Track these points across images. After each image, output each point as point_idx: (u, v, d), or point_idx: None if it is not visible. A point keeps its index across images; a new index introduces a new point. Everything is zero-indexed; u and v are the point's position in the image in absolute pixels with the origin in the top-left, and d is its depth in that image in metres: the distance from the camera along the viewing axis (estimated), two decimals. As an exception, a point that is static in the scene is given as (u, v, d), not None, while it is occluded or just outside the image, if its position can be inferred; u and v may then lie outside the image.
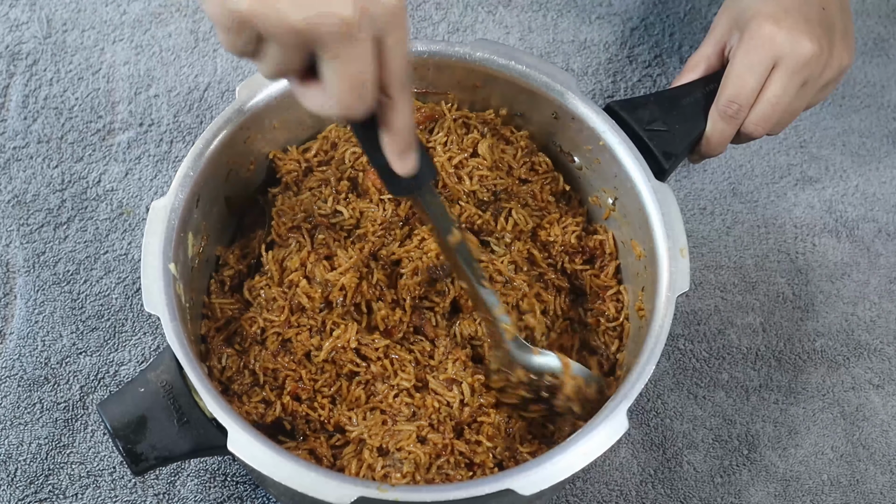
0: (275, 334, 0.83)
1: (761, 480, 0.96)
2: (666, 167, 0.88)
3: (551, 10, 1.20)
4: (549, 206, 0.92)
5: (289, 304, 0.83)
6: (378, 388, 0.82)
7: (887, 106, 1.18)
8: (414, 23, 1.18)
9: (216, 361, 0.82)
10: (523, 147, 0.92)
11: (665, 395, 0.99)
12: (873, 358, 1.03)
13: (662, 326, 0.79)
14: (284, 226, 0.87)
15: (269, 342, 0.83)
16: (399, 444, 0.79)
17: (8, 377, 0.95)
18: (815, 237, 1.09)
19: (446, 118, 0.91)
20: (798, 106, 0.89)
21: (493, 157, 0.90)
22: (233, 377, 0.82)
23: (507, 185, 0.90)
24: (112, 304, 0.99)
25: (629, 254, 0.88)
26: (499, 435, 0.82)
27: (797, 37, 0.85)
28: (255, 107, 0.85)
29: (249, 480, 0.92)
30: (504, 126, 0.93)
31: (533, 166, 0.93)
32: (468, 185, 0.89)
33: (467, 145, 0.90)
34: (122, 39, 1.14)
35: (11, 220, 1.03)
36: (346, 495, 0.69)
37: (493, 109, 0.93)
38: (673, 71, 1.17)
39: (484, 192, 0.89)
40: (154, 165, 1.07)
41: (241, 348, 0.84)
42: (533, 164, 0.93)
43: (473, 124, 0.92)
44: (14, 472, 0.91)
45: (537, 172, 0.93)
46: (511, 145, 0.92)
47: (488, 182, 0.89)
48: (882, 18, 1.24)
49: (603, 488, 0.94)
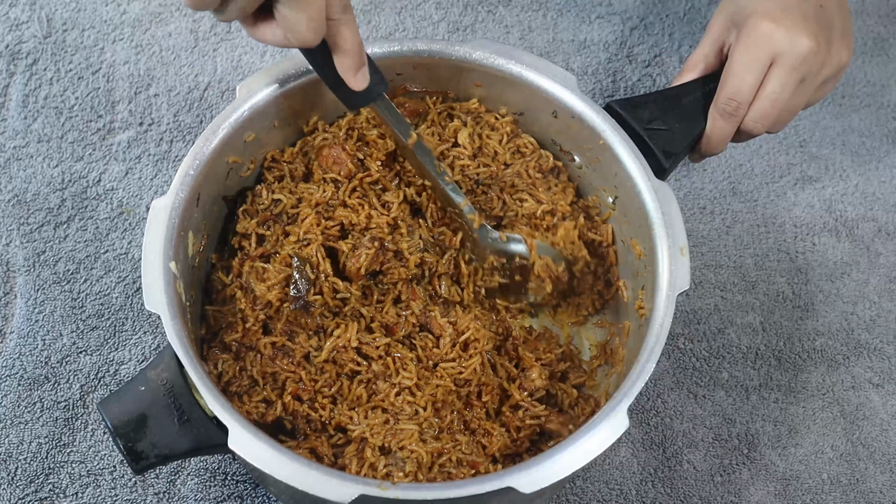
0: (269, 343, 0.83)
1: (761, 479, 0.96)
2: (666, 166, 0.88)
3: (551, 9, 1.20)
4: (536, 182, 0.92)
5: (241, 314, 0.84)
6: (380, 387, 0.82)
7: (887, 105, 1.18)
8: (414, 22, 1.18)
9: (212, 367, 0.82)
10: (508, 133, 0.93)
11: (665, 394, 0.99)
12: (873, 357, 1.03)
13: (662, 325, 0.79)
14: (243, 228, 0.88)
15: (262, 348, 0.83)
16: (401, 443, 0.79)
17: (8, 376, 0.95)
18: (815, 236, 1.09)
19: (431, 112, 0.93)
20: (797, 103, 0.89)
21: (473, 145, 0.91)
22: (231, 381, 0.82)
23: (492, 172, 0.91)
24: (112, 303, 0.99)
25: (629, 252, 0.89)
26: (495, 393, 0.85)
27: (795, 34, 0.85)
28: (255, 106, 0.86)
29: (249, 479, 0.92)
30: (488, 113, 0.93)
31: (518, 149, 0.93)
32: (451, 175, 0.89)
33: (449, 135, 0.91)
34: (122, 39, 1.14)
35: (11, 219, 1.03)
36: (347, 493, 0.69)
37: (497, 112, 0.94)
38: (672, 70, 1.17)
39: (467, 181, 0.90)
40: (154, 165, 1.07)
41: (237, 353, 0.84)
42: (518, 147, 0.93)
43: (457, 114, 0.93)
44: (14, 470, 0.91)
45: (524, 154, 0.93)
46: (496, 131, 0.93)
47: (470, 171, 0.91)
48: (882, 18, 1.24)
49: (603, 487, 0.94)
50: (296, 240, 0.85)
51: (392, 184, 0.89)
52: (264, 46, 1.14)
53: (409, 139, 0.85)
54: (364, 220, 0.86)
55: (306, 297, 0.82)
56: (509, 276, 0.89)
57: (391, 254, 0.86)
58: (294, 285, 0.82)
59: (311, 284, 0.83)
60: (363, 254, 0.84)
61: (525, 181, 0.92)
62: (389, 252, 0.86)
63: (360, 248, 0.85)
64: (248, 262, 0.85)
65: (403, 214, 0.88)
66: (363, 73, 0.79)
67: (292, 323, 0.83)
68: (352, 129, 0.90)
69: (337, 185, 0.88)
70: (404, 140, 0.85)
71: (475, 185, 0.91)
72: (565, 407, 0.88)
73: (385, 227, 0.86)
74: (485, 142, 0.92)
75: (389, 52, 0.88)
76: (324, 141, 0.89)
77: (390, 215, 0.87)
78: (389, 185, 0.89)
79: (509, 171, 0.92)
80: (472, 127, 0.92)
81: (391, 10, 1.19)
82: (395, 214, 0.87)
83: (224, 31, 1.15)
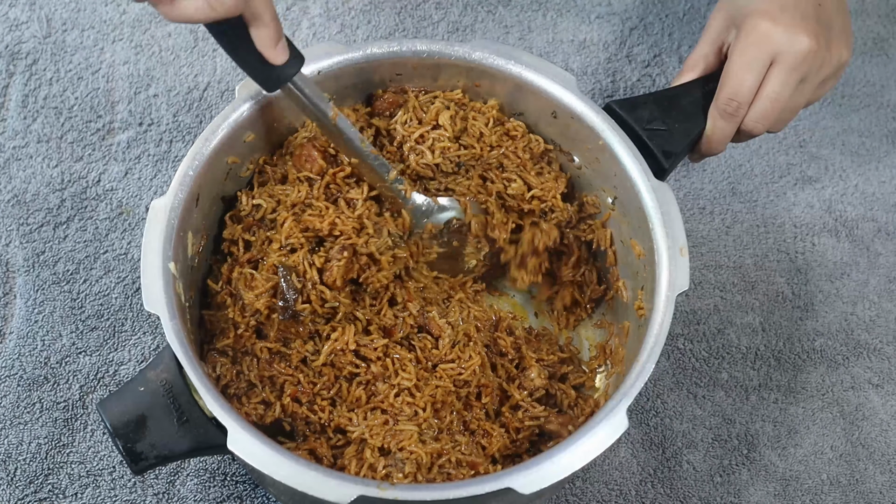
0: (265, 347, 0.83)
1: (761, 480, 0.96)
2: (666, 166, 0.88)
3: (551, 9, 1.20)
4: (526, 163, 0.91)
5: (232, 321, 0.84)
6: (379, 388, 0.82)
7: (887, 106, 1.18)
8: (414, 22, 1.18)
9: (211, 370, 0.82)
10: (494, 117, 0.92)
11: (665, 395, 0.99)
12: (873, 357, 1.03)
13: (662, 325, 0.79)
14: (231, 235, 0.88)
15: (258, 352, 0.83)
16: (401, 444, 0.79)
17: (8, 377, 0.95)
18: (815, 237, 1.09)
19: (409, 100, 0.91)
20: (797, 102, 0.89)
21: (455, 127, 0.90)
22: (229, 384, 0.82)
23: (475, 154, 0.90)
24: (112, 304, 0.99)
25: (629, 253, 0.89)
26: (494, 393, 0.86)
27: (794, 33, 0.85)
28: (254, 106, 0.85)
29: (249, 480, 0.92)
30: (473, 102, 0.93)
31: (508, 132, 0.92)
32: (430, 158, 0.89)
33: (430, 119, 0.90)
34: (121, 39, 1.14)
35: (11, 219, 1.03)
36: (346, 494, 0.69)
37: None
38: (672, 70, 1.17)
39: (448, 164, 0.90)
40: (154, 165, 1.07)
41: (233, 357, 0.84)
42: (507, 131, 0.92)
43: (440, 100, 0.91)
44: (14, 471, 0.91)
45: (513, 138, 0.92)
46: (482, 115, 0.92)
47: (451, 154, 0.90)
48: (882, 18, 1.24)
49: (602, 488, 0.94)
50: (279, 246, 0.83)
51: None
52: (264, 46, 1.14)
53: (330, 114, 0.82)
54: (328, 226, 0.83)
55: (294, 306, 0.81)
56: (447, 243, 0.89)
57: (365, 258, 0.84)
58: (281, 295, 0.81)
59: (298, 293, 0.81)
60: (335, 266, 0.82)
61: (514, 162, 0.91)
62: (363, 257, 0.84)
63: (332, 261, 0.82)
64: (238, 269, 0.84)
65: (369, 212, 0.86)
66: (283, 46, 0.76)
67: (284, 331, 0.82)
68: None
69: (311, 183, 0.86)
70: (326, 117, 0.82)
71: (456, 168, 0.90)
72: (564, 408, 0.88)
73: (351, 232, 0.84)
74: (470, 123, 0.91)
75: (389, 52, 0.88)
76: (303, 139, 0.88)
77: (355, 214, 0.85)
78: (362, 177, 0.87)
79: (495, 153, 0.91)
80: (455, 110, 0.91)
81: (391, 10, 1.18)
82: (360, 212, 0.85)
83: (224, 31, 1.15)
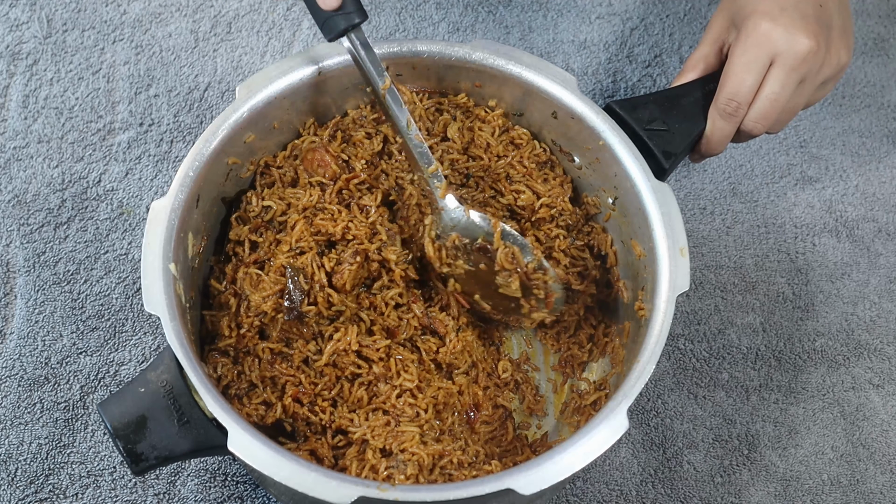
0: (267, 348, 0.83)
1: (761, 480, 0.96)
2: (666, 167, 0.88)
3: (551, 10, 1.20)
4: (532, 173, 0.92)
5: (234, 322, 0.84)
6: (380, 389, 0.82)
7: (887, 106, 1.18)
8: (414, 23, 1.18)
9: (212, 370, 0.82)
10: (500, 126, 0.92)
11: (665, 395, 0.99)
12: (873, 358, 1.03)
13: (662, 326, 0.79)
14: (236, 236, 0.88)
15: (260, 352, 0.83)
16: (402, 446, 0.79)
17: (8, 377, 0.95)
18: (815, 237, 1.09)
19: (417, 107, 0.91)
20: (797, 103, 0.89)
21: (462, 139, 0.91)
22: (230, 384, 0.82)
23: (483, 164, 0.91)
24: (112, 304, 0.99)
25: (629, 253, 0.89)
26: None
27: (794, 33, 0.85)
28: (254, 107, 0.86)
29: (249, 480, 0.92)
30: (477, 107, 0.93)
31: (513, 140, 0.93)
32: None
33: (438, 130, 0.91)
34: (122, 39, 1.14)
35: (11, 219, 1.03)
36: (346, 495, 0.69)
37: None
38: (672, 70, 1.17)
39: (456, 175, 0.90)
40: (154, 165, 1.07)
41: (235, 358, 0.84)
42: (513, 139, 0.93)
43: (445, 108, 0.92)
44: (14, 471, 0.91)
45: (518, 146, 0.93)
46: (487, 124, 0.92)
47: (460, 166, 0.90)
48: (882, 18, 1.24)
49: (603, 488, 0.94)
50: (288, 248, 0.83)
51: (378, 181, 0.88)
52: (264, 47, 1.14)
53: (383, 83, 0.82)
54: (341, 230, 0.84)
55: (300, 307, 0.81)
56: (473, 262, 0.87)
57: (376, 264, 0.85)
58: (287, 296, 0.81)
59: (304, 295, 0.81)
60: (346, 269, 0.82)
61: (520, 172, 0.91)
62: (374, 262, 0.84)
63: (344, 264, 0.83)
64: (243, 269, 0.84)
65: (382, 219, 0.86)
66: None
67: (287, 331, 0.82)
68: (338, 130, 0.90)
69: (323, 188, 0.87)
70: (378, 84, 0.82)
71: (465, 180, 0.90)
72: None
73: (364, 238, 0.84)
74: (476, 134, 0.91)
75: (389, 52, 0.88)
76: (311, 144, 0.89)
77: (369, 220, 0.85)
78: (375, 184, 0.88)
79: (502, 163, 0.91)
80: (462, 121, 0.91)
81: (391, 11, 1.18)
82: (373, 219, 0.86)
83: (224, 31, 1.15)
